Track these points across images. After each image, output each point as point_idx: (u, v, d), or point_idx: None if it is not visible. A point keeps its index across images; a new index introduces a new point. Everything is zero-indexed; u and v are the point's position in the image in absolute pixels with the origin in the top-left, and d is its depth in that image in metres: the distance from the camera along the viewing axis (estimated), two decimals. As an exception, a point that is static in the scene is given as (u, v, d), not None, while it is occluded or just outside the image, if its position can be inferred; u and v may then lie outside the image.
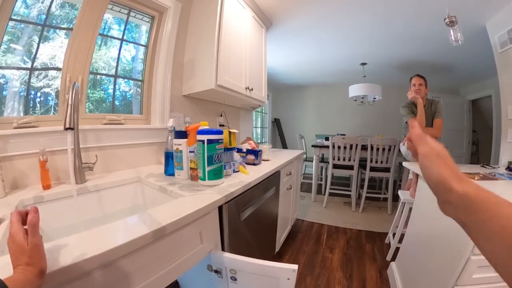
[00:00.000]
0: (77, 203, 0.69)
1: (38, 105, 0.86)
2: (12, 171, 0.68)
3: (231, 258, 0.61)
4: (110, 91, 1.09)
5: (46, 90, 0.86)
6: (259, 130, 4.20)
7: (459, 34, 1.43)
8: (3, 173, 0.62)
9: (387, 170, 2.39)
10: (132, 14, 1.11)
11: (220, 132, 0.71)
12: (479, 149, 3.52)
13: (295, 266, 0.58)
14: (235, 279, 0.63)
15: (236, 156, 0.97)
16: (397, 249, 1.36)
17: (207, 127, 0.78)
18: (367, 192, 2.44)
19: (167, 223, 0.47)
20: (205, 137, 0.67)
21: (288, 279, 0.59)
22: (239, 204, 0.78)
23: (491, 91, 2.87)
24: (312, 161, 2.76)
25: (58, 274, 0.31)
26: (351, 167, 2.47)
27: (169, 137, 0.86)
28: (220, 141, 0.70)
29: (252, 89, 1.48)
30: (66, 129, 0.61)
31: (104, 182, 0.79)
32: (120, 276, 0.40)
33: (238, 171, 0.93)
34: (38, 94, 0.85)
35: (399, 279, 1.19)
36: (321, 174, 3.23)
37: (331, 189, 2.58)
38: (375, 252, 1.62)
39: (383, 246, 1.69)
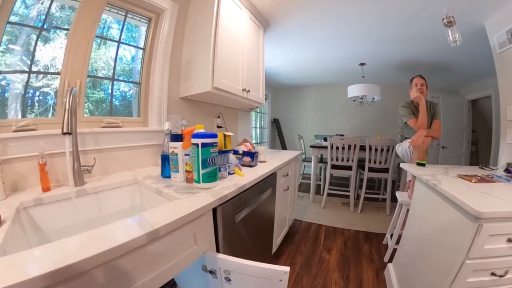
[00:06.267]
0: (76, 205, 0.71)
1: (36, 104, 0.86)
2: (12, 173, 0.69)
3: (224, 259, 0.62)
4: (110, 91, 1.10)
5: (45, 89, 0.87)
6: (258, 130, 4.20)
7: (457, 34, 1.41)
8: (3, 175, 0.64)
9: (385, 170, 2.39)
10: (129, 15, 1.11)
11: (214, 136, 0.72)
12: (479, 149, 3.51)
13: (287, 268, 0.59)
14: (229, 280, 0.65)
15: (232, 158, 0.98)
16: (395, 250, 1.35)
17: (202, 130, 0.79)
18: (365, 193, 2.45)
19: (160, 225, 0.48)
20: (199, 141, 0.69)
21: (280, 280, 0.59)
22: (234, 206, 0.79)
23: (491, 91, 2.85)
24: (311, 162, 2.76)
25: (58, 273, 0.33)
26: (349, 168, 2.47)
27: (166, 140, 0.88)
28: (214, 144, 0.71)
29: (249, 91, 1.48)
30: (64, 133, 0.63)
31: (102, 184, 0.80)
32: (118, 275, 0.42)
33: (233, 173, 0.94)
34: (37, 93, 0.85)
35: (395, 280, 1.19)
36: (320, 175, 3.24)
37: (329, 189, 2.58)
38: (372, 253, 1.62)
39: (381, 247, 1.69)
